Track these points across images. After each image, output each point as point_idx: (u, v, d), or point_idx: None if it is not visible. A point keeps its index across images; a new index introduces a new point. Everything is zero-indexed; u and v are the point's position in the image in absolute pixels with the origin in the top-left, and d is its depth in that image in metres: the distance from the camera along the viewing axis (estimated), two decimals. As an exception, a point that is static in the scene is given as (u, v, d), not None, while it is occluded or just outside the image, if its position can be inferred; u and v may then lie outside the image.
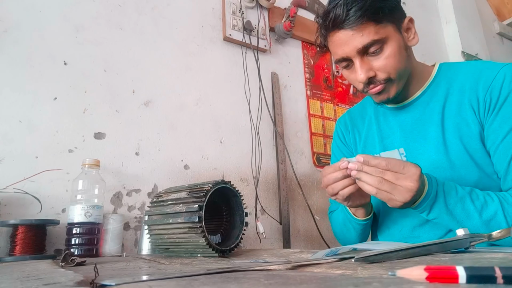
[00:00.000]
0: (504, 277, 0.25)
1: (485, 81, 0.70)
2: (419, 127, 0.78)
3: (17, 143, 0.97)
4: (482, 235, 0.46)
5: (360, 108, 0.97)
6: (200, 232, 0.63)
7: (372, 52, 0.69)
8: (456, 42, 2.47)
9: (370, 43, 0.68)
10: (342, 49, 0.70)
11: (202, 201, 0.64)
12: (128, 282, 0.35)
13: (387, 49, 0.69)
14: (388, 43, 0.69)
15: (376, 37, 0.68)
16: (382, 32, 0.68)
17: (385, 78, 0.71)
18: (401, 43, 0.71)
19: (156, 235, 0.72)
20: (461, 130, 0.72)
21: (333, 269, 0.38)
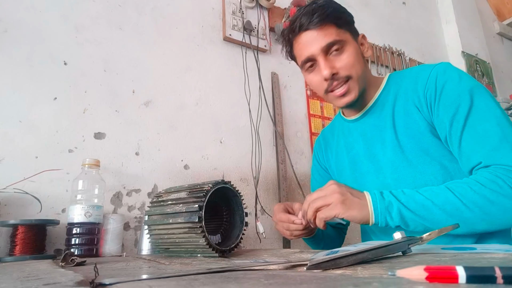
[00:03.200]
0: (504, 277, 0.25)
1: (422, 80, 0.76)
2: (376, 133, 0.83)
3: (17, 143, 0.97)
4: (417, 238, 0.47)
5: (330, 126, 1.03)
6: (200, 232, 0.63)
7: (334, 50, 0.77)
8: (456, 42, 2.47)
9: (332, 42, 0.76)
10: (308, 49, 0.78)
11: (202, 201, 0.64)
12: (128, 281, 0.35)
13: (347, 50, 0.78)
14: (348, 45, 0.78)
15: (338, 38, 0.77)
16: (342, 35, 0.78)
17: (347, 75, 0.78)
18: (358, 51, 0.81)
19: (156, 235, 0.72)
20: (411, 129, 0.76)
21: (333, 269, 0.38)
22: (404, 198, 0.64)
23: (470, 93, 0.69)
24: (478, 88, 0.70)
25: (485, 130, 0.66)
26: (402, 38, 2.20)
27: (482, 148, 0.65)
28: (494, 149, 0.64)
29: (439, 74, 0.73)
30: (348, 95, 0.80)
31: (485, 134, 0.65)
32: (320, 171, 1.04)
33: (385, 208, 0.63)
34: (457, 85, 0.71)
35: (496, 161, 0.63)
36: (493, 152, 0.64)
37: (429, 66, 0.77)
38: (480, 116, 0.67)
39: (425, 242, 0.48)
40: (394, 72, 0.88)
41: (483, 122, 0.67)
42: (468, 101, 0.68)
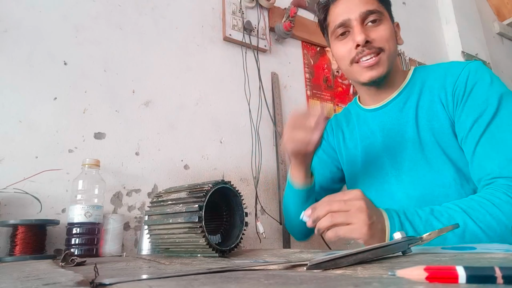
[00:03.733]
0: (504, 277, 0.25)
1: (452, 77, 0.74)
2: (397, 127, 0.80)
3: (17, 143, 0.97)
4: (417, 238, 0.47)
5: (345, 112, 1.00)
6: (200, 232, 0.63)
7: (372, 21, 0.76)
8: (456, 42, 2.47)
9: (373, 11, 0.76)
10: (346, 13, 0.77)
11: (202, 201, 0.64)
12: (128, 281, 0.35)
13: (384, 24, 0.77)
14: (385, 21, 0.78)
15: (379, 8, 0.77)
16: (382, 9, 0.78)
17: (380, 47, 0.76)
18: (393, 32, 0.79)
19: (156, 235, 0.72)
20: (433, 126, 0.74)
21: (333, 269, 0.38)
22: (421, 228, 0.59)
23: (499, 99, 0.66)
24: (509, 95, 0.67)
25: (504, 140, 0.64)
26: (402, 38, 2.20)
27: (497, 157, 0.63)
28: (509, 160, 0.62)
29: (471, 72, 0.71)
30: (377, 68, 0.76)
31: (503, 144, 0.63)
32: (326, 147, 0.99)
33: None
34: (488, 88, 0.68)
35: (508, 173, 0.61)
36: (506, 163, 0.62)
37: (461, 63, 0.75)
38: (503, 124, 0.65)
39: (425, 242, 0.48)
40: (419, 66, 0.86)
41: (504, 131, 0.64)
42: (495, 107, 0.66)
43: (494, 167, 0.63)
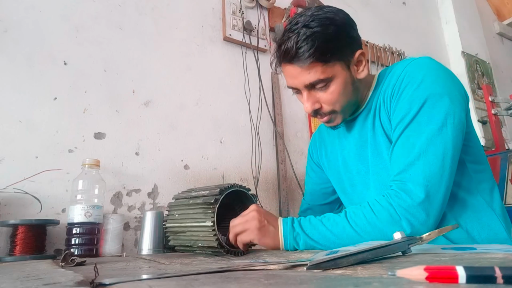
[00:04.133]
0: (504, 277, 0.25)
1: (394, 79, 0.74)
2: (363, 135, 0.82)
3: (17, 143, 0.97)
4: (417, 238, 0.48)
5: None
6: (210, 212, 0.67)
7: (319, 87, 0.73)
8: (456, 42, 2.47)
9: (316, 82, 0.72)
10: (292, 81, 0.75)
11: (225, 189, 0.70)
12: (128, 281, 0.35)
13: (333, 86, 0.73)
14: (334, 80, 0.73)
15: (322, 77, 0.71)
16: (329, 71, 0.71)
17: (330, 110, 0.76)
18: (348, 79, 0.75)
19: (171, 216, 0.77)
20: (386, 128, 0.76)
21: (333, 269, 0.38)
22: (309, 229, 0.70)
23: (422, 103, 0.67)
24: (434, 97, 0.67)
25: (413, 144, 0.66)
26: (402, 38, 2.20)
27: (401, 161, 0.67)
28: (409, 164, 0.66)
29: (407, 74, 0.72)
30: (332, 123, 0.80)
31: (410, 148, 0.66)
32: (314, 166, 1.03)
33: (293, 238, 0.70)
34: (414, 90, 0.69)
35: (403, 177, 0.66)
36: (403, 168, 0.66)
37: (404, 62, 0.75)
38: (417, 128, 0.67)
39: (425, 242, 0.48)
40: (383, 69, 0.85)
41: (416, 134, 0.67)
42: (415, 110, 0.67)
43: (396, 171, 0.68)
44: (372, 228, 0.65)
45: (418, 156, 0.65)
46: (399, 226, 0.64)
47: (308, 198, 1.05)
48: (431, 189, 0.64)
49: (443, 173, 0.65)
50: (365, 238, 0.65)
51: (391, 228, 0.63)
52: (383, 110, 0.76)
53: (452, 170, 0.66)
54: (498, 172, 1.39)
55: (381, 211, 0.66)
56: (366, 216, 0.67)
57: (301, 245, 0.69)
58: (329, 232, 0.68)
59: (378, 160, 0.78)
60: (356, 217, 0.68)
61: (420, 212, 0.64)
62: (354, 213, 0.68)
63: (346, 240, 0.66)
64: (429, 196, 0.64)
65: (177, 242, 0.76)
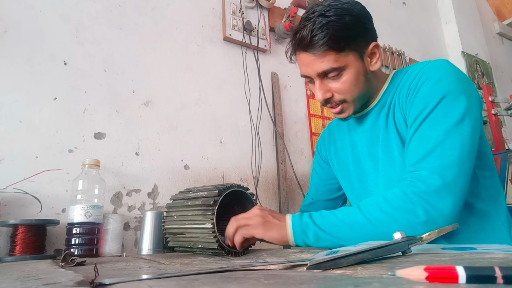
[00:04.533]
0: (504, 277, 0.25)
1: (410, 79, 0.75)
2: (376, 132, 0.83)
3: (17, 143, 0.97)
4: (417, 238, 0.48)
5: (337, 121, 1.02)
6: (209, 214, 0.66)
7: (331, 76, 0.74)
8: (456, 42, 2.47)
9: (329, 70, 0.73)
10: (305, 69, 0.77)
11: (224, 189, 0.69)
12: (128, 281, 0.35)
13: (345, 75, 0.74)
14: (347, 70, 0.74)
15: (335, 65, 0.73)
16: (342, 60, 0.73)
17: (341, 99, 0.78)
18: (361, 70, 0.76)
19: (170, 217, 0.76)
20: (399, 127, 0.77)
21: (333, 269, 0.38)
22: (319, 220, 0.68)
23: (439, 98, 0.68)
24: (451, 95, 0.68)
25: (429, 136, 0.66)
26: (402, 38, 2.20)
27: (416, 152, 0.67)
28: (425, 154, 0.65)
29: (424, 73, 0.73)
30: (342, 114, 0.81)
31: (426, 140, 0.66)
32: (321, 162, 1.03)
33: (302, 230, 0.67)
34: (432, 87, 0.70)
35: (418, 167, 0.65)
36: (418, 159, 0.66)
37: (422, 64, 0.77)
38: (434, 122, 0.67)
39: (425, 242, 0.48)
40: (398, 69, 0.87)
41: (433, 128, 0.67)
42: (433, 105, 0.68)
43: (412, 159, 0.67)
44: (386, 217, 0.63)
45: (435, 147, 0.64)
46: (414, 214, 0.61)
47: (312, 193, 1.05)
48: (447, 178, 0.62)
49: (461, 165, 0.63)
50: (378, 227, 0.63)
51: (406, 216, 0.62)
52: (398, 108, 0.76)
53: (470, 165, 0.65)
54: (498, 172, 1.39)
55: (394, 199, 0.64)
56: (380, 204, 0.65)
57: (310, 236, 0.67)
58: (340, 222, 0.66)
59: (387, 158, 0.78)
60: (369, 206, 0.66)
61: (436, 200, 0.61)
62: (367, 203, 0.67)
63: (358, 230, 0.64)
64: (446, 184, 0.62)
65: (177, 243, 0.75)
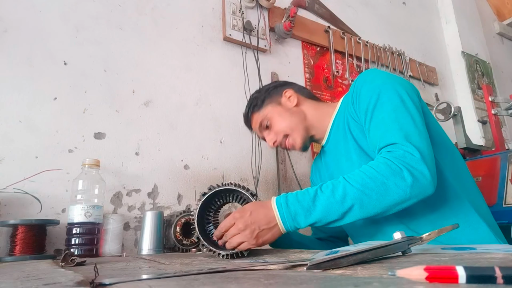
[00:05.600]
0: (504, 277, 0.25)
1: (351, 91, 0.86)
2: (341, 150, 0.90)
3: (17, 143, 0.97)
4: (417, 238, 0.48)
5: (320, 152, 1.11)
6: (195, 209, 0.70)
7: (266, 126, 0.97)
8: (456, 42, 2.47)
9: (260, 124, 0.98)
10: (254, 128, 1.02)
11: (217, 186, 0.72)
12: (128, 281, 0.35)
13: (272, 120, 0.96)
14: (271, 116, 0.96)
15: (260, 119, 0.98)
16: (263, 114, 0.97)
17: (282, 136, 0.95)
18: (283, 110, 0.96)
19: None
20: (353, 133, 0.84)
21: (333, 269, 0.38)
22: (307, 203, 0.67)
23: (378, 90, 0.77)
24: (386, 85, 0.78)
25: (383, 118, 0.74)
26: (402, 38, 2.20)
27: (379, 133, 0.73)
28: (386, 131, 0.71)
29: (358, 81, 0.83)
30: (295, 147, 0.95)
31: (382, 121, 0.74)
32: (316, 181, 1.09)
33: (292, 219, 0.67)
34: (369, 85, 0.80)
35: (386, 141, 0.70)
36: (385, 134, 0.71)
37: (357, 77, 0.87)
38: (382, 108, 0.75)
39: (425, 242, 0.48)
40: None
41: (383, 112, 0.74)
42: (376, 97, 0.77)
43: (378, 141, 0.73)
44: (374, 182, 0.65)
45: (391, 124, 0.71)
46: (401, 176, 0.64)
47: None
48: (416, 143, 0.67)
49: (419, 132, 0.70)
50: (369, 195, 0.64)
51: (393, 179, 0.64)
52: (349, 117, 0.85)
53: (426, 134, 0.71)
54: (498, 172, 1.38)
55: (379, 165, 0.66)
56: (366, 172, 0.67)
57: (302, 223, 0.67)
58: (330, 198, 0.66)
59: (350, 165, 0.84)
60: (355, 176, 0.67)
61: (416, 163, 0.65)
62: (352, 174, 0.68)
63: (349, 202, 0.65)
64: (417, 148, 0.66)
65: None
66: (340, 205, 0.65)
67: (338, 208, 0.65)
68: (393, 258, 0.45)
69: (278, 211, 0.68)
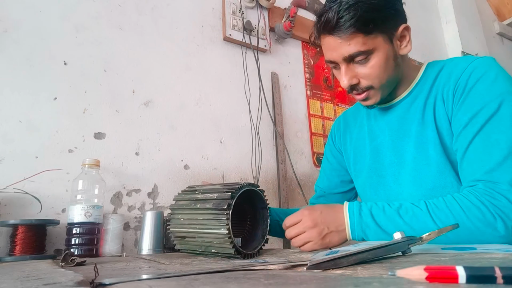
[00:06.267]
0: (504, 277, 0.25)
1: (456, 74, 0.71)
2: (404, 126, 0.79)
3: (17, 143, 0.97)
4: (417, 238, 0.47)
5: (354, 109, 0.99)
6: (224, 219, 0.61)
7: (358, 60, 0.70)
8: (456, 42, 2.47)
9: (356, 54, 0.69)
10: (330, 53, 0.73)
11: (236, 191, 0.64)
12: (128, 281, 0.35)
13: (373, 60, 0.70)
14: (375, 53, 0.70)
15: (363, 48, 0.68)
16: (370, 43, 0.69)
17: (367, 86, 0.73)
18: (390, 54, 0.72)
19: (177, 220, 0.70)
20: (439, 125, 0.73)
21: (333, 269, 0.38)
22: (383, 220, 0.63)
23: (500, 98, 0.63)
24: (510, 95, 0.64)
25: (498, 141, 0.61)
26: (402, 38, 2.20)
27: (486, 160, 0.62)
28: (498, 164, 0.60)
29: (475, 69, 0.68)
30: (369, 101, 0.76)
31: (496, 146, 0.61)
32: (334, 151, 1.00)
33: (362, 231, 0.65)
34: (490, 86, 0.65)
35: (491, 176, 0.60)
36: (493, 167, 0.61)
37: (469, 59, 0.72)
38: (499, 125, 0.62)
39: (425, 242, 0.48)
40: (432, 61, 0.83)
41: (499, 133, 0.62)
42: (495, 106, 0.63)
43: (481, 170, 0.62)
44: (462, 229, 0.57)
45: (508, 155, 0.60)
46: (493, 227, 0.57)
47: (323, 184, 1.01)
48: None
49: None
50: (450, 238, 0.57)
51: (484, 229, 0.58)
52: (441, 105, 0.72)
53: None
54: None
55: (471, 209, 0.59)
56: (453, 213, 0.59)
57: (370, 237, 0.64)
58: (408, 226, 0.61)
59: (421, 155, 0.74)
60: (441, 213, 0.60)
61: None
62: (438, 208, 0.61)
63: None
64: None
65: (185, 246, 0.70)
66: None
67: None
68: (393, 258, 0.45)
69: (350, 218, 0.66)
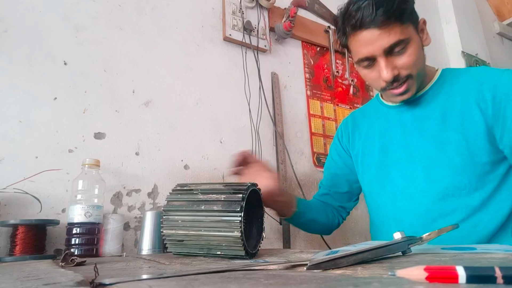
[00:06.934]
0: (504, 277, 0.25)
1: (489, 82, 0.74)
2: (418, 124, 0.80)
3: (17, 143, 0.97)
4: (417, 238, 0.47)
5: (362, 110, 1.01)
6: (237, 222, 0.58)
7: (397, 51, 0.73)
8: (456, 42, 2.47)
9: (396, 43, 0.71)
10: (368, 48, 0.73)
11: (245, 193, 0.61)
12: (128, 281, 0.35)
13: (410, 48, 0.73)
14: (411, 42, 0.74)
15: (402, 37, 0.72)
16: (406, 32, 0.72)
17: (407, 75, 0.75)
18: (420, 44, 0.77)
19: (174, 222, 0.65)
20: (466, 128, 0.74)
21: (333, 269, 0.38)
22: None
23: None
24: None
25: None
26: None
27: None
28: None
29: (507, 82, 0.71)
30: (407, 94, 0.78)
31: None
32: (340, 150, 1.01)
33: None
34: None
35: None
36: None
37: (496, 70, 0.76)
38: None
39: (425, 242, 0.48)
40: (447, 68, 0.86)
41: None
42: None
43: None
44: None
45: None
46: None
47: (328, 183, 1.02)
48: None
49: None
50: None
51: None
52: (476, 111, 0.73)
53: None
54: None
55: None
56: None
57: None
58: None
59: (439, 155, 0.75)
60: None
61: None
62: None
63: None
64: None
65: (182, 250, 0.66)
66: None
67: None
68: (393, 258, 0.45)
69: None
